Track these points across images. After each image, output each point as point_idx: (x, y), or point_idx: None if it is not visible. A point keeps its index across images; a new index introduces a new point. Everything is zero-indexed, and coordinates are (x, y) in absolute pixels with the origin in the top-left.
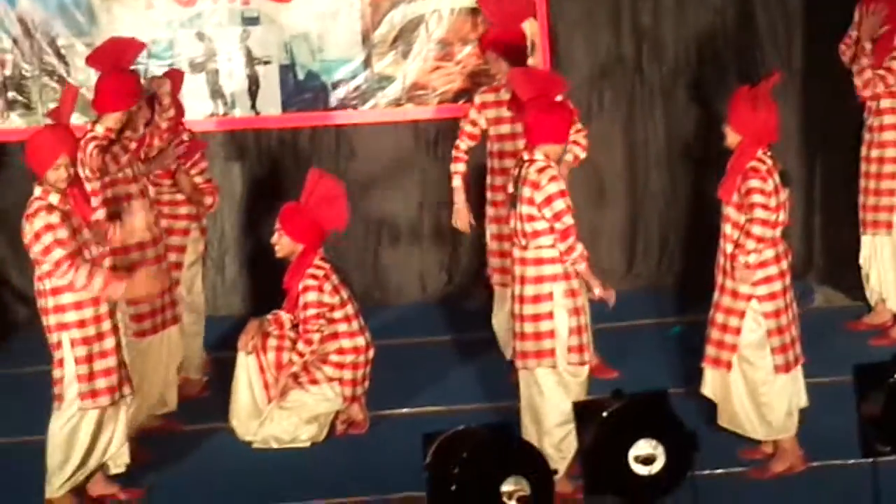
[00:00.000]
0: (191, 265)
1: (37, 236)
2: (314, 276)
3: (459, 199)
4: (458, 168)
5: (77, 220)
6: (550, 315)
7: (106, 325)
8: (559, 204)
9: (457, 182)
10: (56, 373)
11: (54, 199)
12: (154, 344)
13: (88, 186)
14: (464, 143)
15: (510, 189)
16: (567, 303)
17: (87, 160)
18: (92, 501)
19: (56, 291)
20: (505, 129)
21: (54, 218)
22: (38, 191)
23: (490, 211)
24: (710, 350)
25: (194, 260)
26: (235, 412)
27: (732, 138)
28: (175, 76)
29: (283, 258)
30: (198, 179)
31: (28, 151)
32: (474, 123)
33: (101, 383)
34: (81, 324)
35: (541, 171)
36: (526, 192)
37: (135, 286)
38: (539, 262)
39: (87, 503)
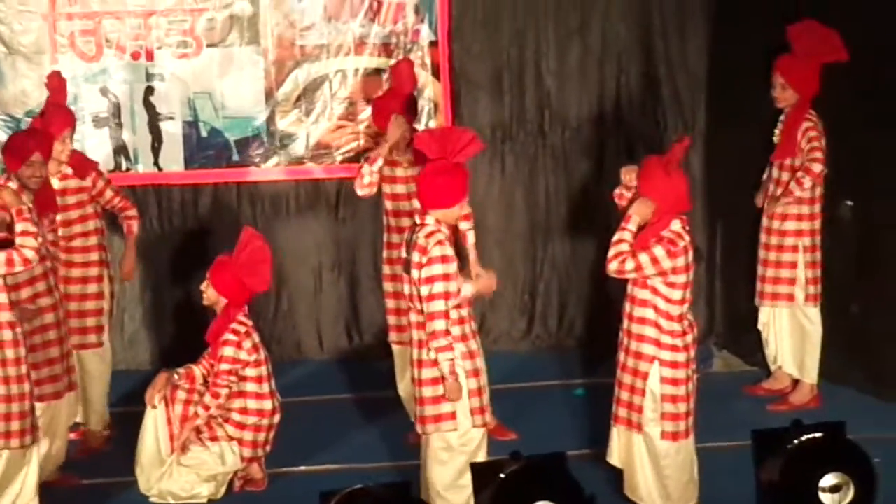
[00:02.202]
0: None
1: None
2: (235, 332)
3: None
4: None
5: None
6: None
7: (24, 369)
8: (437, 287)
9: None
10: None
11: None
12: (53, 408)
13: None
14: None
15: (403, 254)
16: (465, 364)
17: None
18: None
19: None
20: (400, 188)
21: None
22: None
23: (386, 269)
24: (622, 411)
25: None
26: (140, 463)
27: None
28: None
29: (209, 307)
30: (109, 196)
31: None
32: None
33: (14, 426)
34: (2, 363)
35: (429, 235)
36: (415, 256)
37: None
38: None
39: None
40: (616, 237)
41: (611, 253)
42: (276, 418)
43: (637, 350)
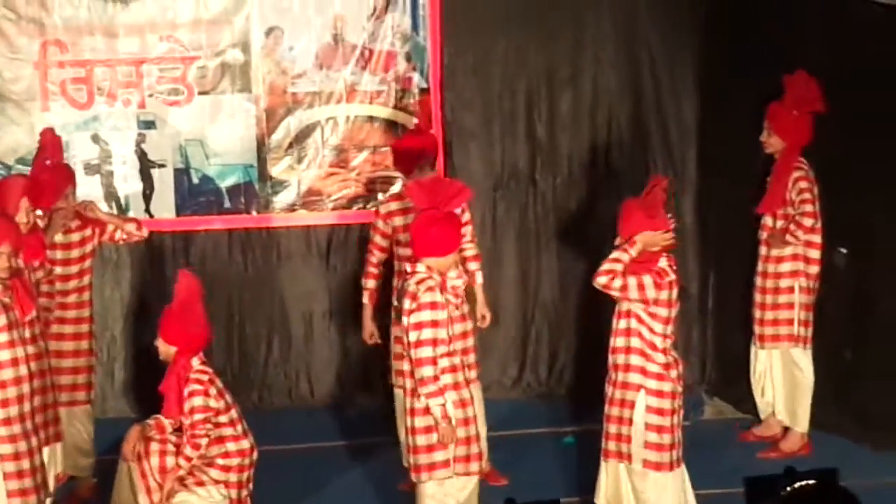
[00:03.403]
0: None
1: None
2: (199, 381)
3: (366, 314)
4: (369, 284)
5: (14, 315)
6: (464, 422)
7: (29, 425)
8: (425, 333)
9: (365, 299)
10: None
11: None
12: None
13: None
14: (374, 258)
15: (395, 302)
16: (456, 413)
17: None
18: None
19: None
20: None
21: None
22: None
23: (395, 313)
24: (611, 444)
25: None
26: None
27: (634, 248)
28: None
29: (163, 362)
30: (108, 223)
31: None
32: (384, 235)
33: (28, 482)
34: (7, 422)
35: (420, 282)
36: (406, 303)
37: None
38: None
39: None
40: (614, 255)
41: (603, 267)
42: (255, 455)
43: (624, 380)
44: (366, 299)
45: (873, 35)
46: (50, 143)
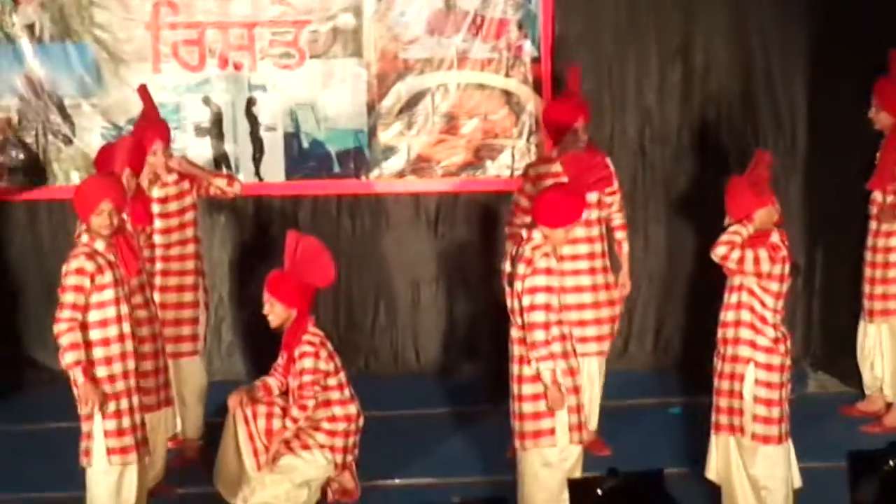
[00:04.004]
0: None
1: (65, 275)
2: (311, 343)
3: None
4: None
5: (119, 272)
6: (573, 391)
7: (132, 382)
8: (539, 298)
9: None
10: (84, 426)
11: (100, 245)
12: (148, 421)
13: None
14: (519, 220)
15: (507, 268)
16: (566, 381)
17: None
18: None
19: (88, 345)
20: None
21: (90, 265)
22: (85, 237)
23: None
24: (722, 418)
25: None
26: (222, 478)
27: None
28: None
29: (278, 328)
30: (199, 173)
31: (74, 197)
32: (530, 198)
33: (128, 440)
34: (111, 379)
35: (535, 248)
36: (520, 268)
37: (86, 390)
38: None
39: None
40: (733, 228)
41: (723, 238)
42: (361, 421)
43: (734, 354)
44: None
45: None
46: (143, 99)
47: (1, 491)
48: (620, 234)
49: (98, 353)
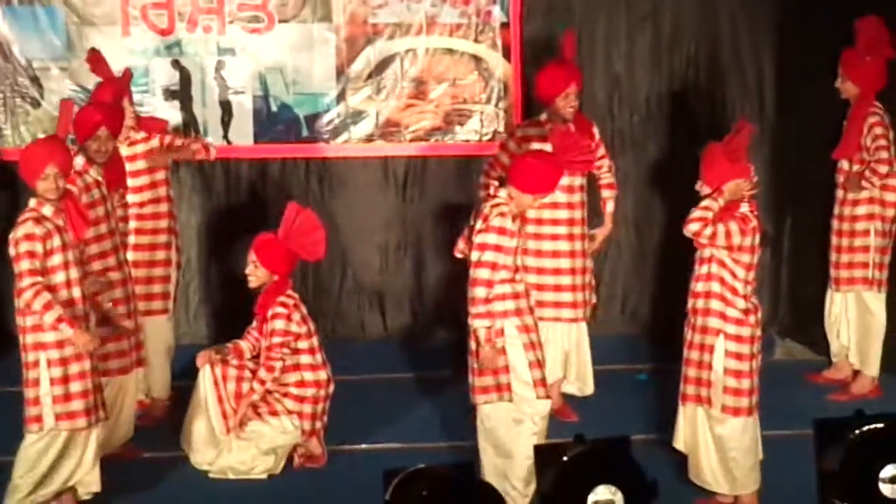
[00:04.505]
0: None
1: (15, 243)
2: (284, 305)
3: None
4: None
5: (68, 237)
6: (503, 352)
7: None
8: (487, 255)
9: None
10: (29, 392)
11: (47, 210)
12: (116, 383)
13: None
14: (496, 172)
15: (471, 222)
16: (522, 338)
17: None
18: None
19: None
20: None
21: (38, 230)
22: (32, 202)
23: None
24: (690, 388)
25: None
26: (191, 440)
27: (707, 191)
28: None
29: (256, 289)
30: (178, 142)
31: (20, 162)
32: (512, 155)
33: (77, 405)
34: (60, 344)
35: (495, 206)
36: (478, 224)
37: (79, 338)
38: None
39: None
40: (704, 203)
41: (695, 215)
42: (331, 388)
43: (703, 325)
44: None
45: None
46: (95, 62)
47: None
48: (607, 193)
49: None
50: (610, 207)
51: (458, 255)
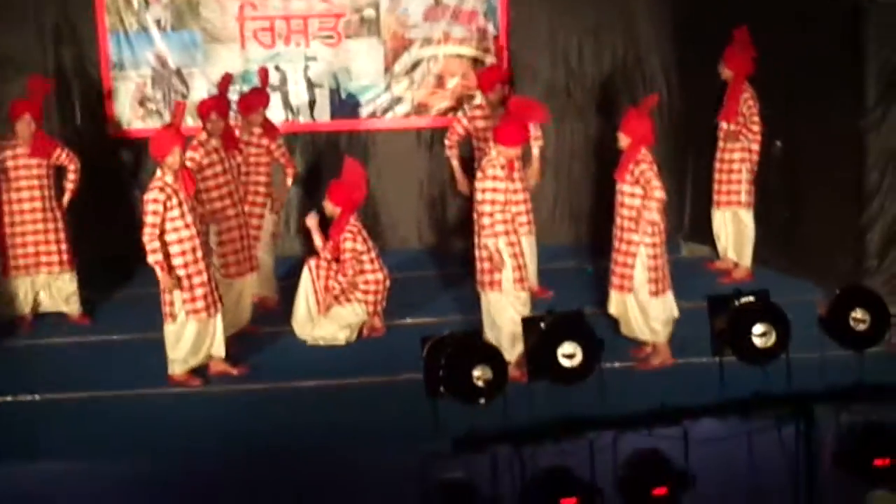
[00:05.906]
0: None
1: (145, 202)
2: (350, 231)
3: (458, 172)
4: (453, 153)
5: (183, 195)
6: (501, 258)
7: (199, 253)
8: (486, 195)
9: (455, 161)
10: (168, 297)
11: (169, 178)
12: (237, 284)
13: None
14: (456, 136)
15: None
16: (509, 249)
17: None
18: (212, 376)
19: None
20: (489, 134)
21: (161, 195)
22: (158, 172)
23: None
24: (616, 280)
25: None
26: (295, 318)
27: (623, 141)
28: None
29: (329, 217)
30: (278, 154)
31: (151, 144)
32: (464, 128)
33: (200, 304)
34: (182, 254)
35: (489, 160)
36: (478, 175)
37: (164, 279)
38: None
39: (210, 377)
40: (650, 174)
41: (658, 184)
42: (388, 283)
43: (628, 237)
44: (455, 161)
45: None
46: (223, 80)
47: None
48: (535, 143)
49: (175, 249)
50: (535, 151)
51: (462, 191)
